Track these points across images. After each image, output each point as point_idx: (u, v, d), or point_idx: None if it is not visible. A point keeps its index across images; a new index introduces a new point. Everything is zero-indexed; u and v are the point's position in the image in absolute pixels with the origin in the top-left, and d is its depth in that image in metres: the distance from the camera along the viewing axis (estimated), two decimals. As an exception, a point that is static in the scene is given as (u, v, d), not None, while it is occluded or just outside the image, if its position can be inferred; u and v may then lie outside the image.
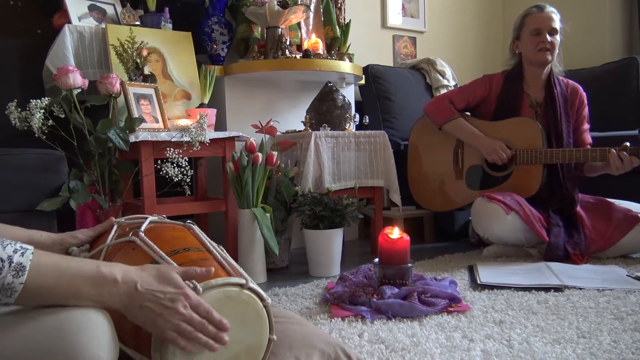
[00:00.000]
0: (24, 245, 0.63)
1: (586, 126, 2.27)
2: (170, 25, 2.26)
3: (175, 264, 0.78)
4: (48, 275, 0.64)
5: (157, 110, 1.96)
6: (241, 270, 0.82)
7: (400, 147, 2.61)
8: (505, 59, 2.38)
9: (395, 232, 1.55)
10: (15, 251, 0.62)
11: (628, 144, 1.98)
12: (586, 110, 2.27)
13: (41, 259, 0.64)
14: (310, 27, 2.67)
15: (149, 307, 0.69)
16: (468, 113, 2.36)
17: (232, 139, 2.04)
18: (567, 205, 2.12)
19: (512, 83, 2.25)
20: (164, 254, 0.80)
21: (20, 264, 0.61)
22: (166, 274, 0.72)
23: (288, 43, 2.39)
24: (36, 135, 1.66)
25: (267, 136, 2.21)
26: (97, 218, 1.81)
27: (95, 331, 0.65)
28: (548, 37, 2.15)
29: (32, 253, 0.63)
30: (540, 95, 2.23)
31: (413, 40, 3.54)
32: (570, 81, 2.30)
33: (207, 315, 0.71)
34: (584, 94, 2.28)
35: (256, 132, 2.20)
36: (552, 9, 2.21)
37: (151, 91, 1.98)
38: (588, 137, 2.26)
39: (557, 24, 2.18)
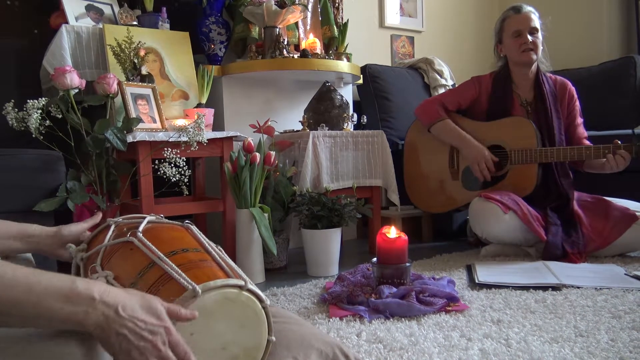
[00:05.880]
0: None
1: (579, 120, 2.27)
2: (168, 25, 2.25)
3: (174, 265, 0.77)
4: (14, 289, 0.57)
5: (154, 111, 1.96)
6: (240, 271, 0.82)
7: (398, 146, 2.61)
8: (493, 62, 2.38)
9: (393, 232, 1.55)
10: None
11: (619, 142, 1.99)
12: (577, 103, 2.27)
13: (7, 272, 0.57)
14: (308, 27, 2.67)
15: (126, 336, 0.62)
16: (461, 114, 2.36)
17: (229, 138, 2.04)
18: (563, 203, 2.12)
19: (501, 85, 2.26)
20: (162, 255, 0.80)
21: None
22: (151, 303, 0.65)
23: (286, 43, 2.38)
24: (33, 135, 1.65)
25: (265, 136, 2.20)
26: (94, 218, 1.80)
27: None
28: (529, 37, 2.15)
29: None
30: (530, 95, 2.24)
31: (411, 39, 3.54)
32: (559, 77, 2.30)
33: (184, 357, 0.65)
34: (573, 88, 2.28)
35: (254, 131, 2.20)
36: (530, 8, 2.21)
37: (149, 91, 1.97)
38: (583, 131, 2.27)
39: (536, 23, 2.18)
